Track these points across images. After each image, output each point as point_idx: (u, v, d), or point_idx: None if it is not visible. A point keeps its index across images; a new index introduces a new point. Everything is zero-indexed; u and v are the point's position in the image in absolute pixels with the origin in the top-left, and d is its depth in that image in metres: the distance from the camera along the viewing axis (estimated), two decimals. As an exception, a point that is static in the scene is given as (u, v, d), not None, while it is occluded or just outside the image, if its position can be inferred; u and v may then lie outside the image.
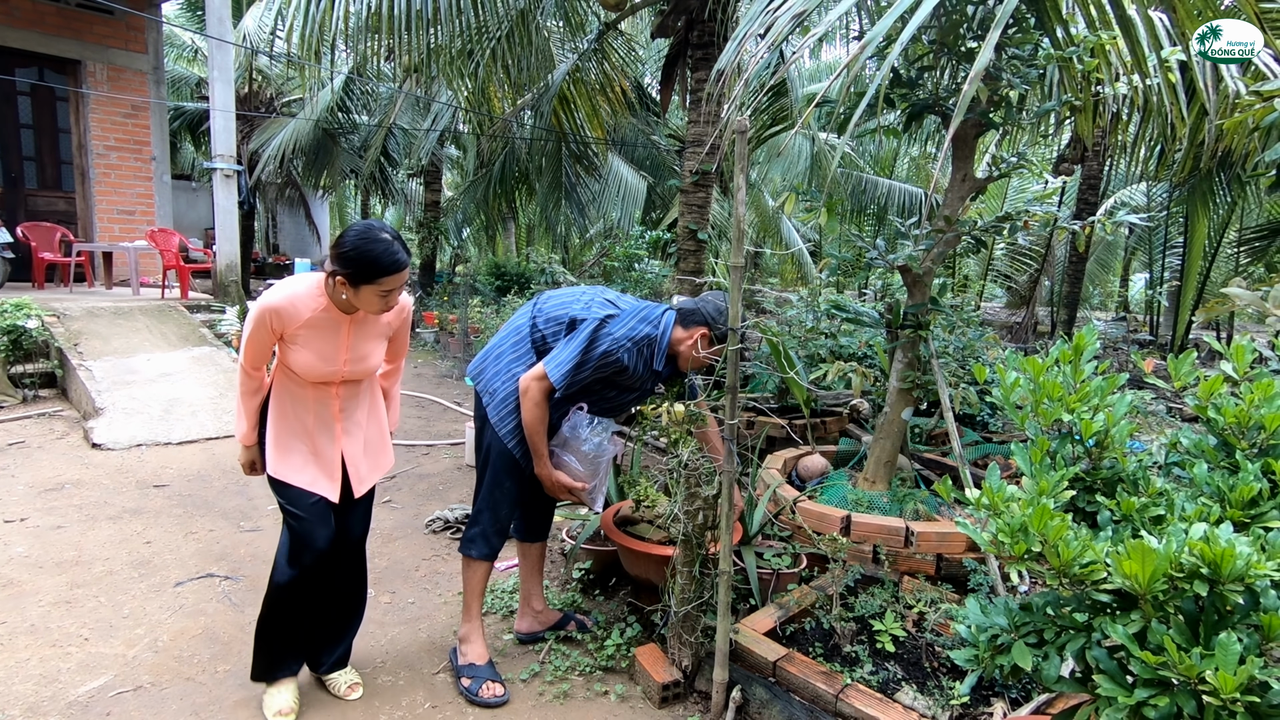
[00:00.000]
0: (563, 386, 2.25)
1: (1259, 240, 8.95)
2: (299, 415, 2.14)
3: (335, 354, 2.09)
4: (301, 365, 2.06)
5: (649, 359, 2.35)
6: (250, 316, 2.03)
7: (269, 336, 2.03)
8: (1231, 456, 1.43)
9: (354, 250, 1.91)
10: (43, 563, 3.04)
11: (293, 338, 2.03)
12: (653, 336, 2.32)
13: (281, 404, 2.14)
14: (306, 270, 8.95)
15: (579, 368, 2.25)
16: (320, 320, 2.04)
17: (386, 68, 10.95)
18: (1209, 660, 1.11)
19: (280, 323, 2.01)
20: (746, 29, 2.90)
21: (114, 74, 8.22)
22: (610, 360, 2.26)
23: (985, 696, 2.22)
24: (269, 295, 2.02)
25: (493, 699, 2.27)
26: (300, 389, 2.13)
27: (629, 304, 2.39)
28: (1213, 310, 2.87)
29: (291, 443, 2.13)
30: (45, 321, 5.77)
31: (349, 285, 1.95)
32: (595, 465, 2.36)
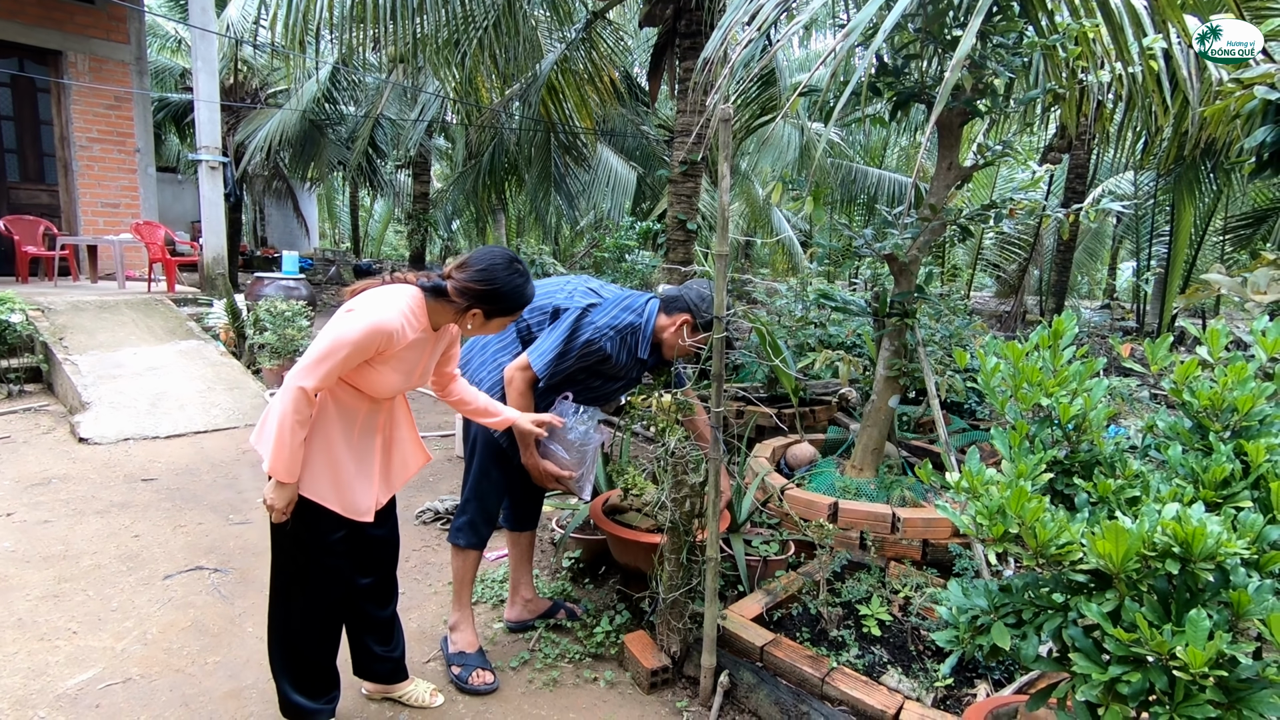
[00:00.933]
0: (546, 376, 2.26)
1: (1243, 228, 9.03)
2: (344, 431, 1.89)
3: (415, 371, 1.94)
4: (382, 385, 1.86)
5: (633, 347, 2.36)
6: (346, 334, 1.74)
7: (362, 357, 1.78)
8: (1205, 438, 1.45)
9: (507, 287, 1.85)
10: (30, 557, 3.03)
11: (387, 359, 1.83)
12: (636, 325, 2.33)
13: (333, 420, 1.87)
14: (296, 263, 8.89)
15: (562, 357, 2.25)
16: (418, 341, 1.88)
17: (373, 58, 10.86)
18: (1180, 636, 1.14)
19: (389, 344, 1.79)
20: (733, 16, 2.89)
21: (96, 65, 8.11)
22: (593, 349, 2.27)
23: (969, 678, 2.25)
24: (379, 313, 1.78)
25: (482, 686, 2.29)
26: (353, 404, 1.89)
27: (612, 293, 2.39)
28: (1194, 297, 2.90)
29: (338, 465, 1.88)
30: (29, 315, 5.72)
31: (483, 319, 1.89)
32: (582, 454, 2.36)
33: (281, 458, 1.75)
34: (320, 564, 1.91)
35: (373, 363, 1.81)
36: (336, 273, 14.23)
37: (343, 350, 1.73)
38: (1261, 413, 1.41)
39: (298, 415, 1.73)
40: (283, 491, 1.79)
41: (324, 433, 1.85)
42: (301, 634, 1.93)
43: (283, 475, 1.76)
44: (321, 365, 1.73)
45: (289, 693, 1.96)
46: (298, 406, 1.72)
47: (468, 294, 1.84)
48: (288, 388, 1.72)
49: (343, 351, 1.73)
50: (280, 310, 6.15)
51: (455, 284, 1.85)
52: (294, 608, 1.92)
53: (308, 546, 1.88)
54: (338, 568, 1.94)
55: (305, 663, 1.96)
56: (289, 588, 1.92)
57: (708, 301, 2.31)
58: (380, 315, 1.76)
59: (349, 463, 1.89)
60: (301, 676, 1.96)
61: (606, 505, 2.90)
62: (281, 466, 1.76)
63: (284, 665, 1.96)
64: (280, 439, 1.74)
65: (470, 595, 2.47)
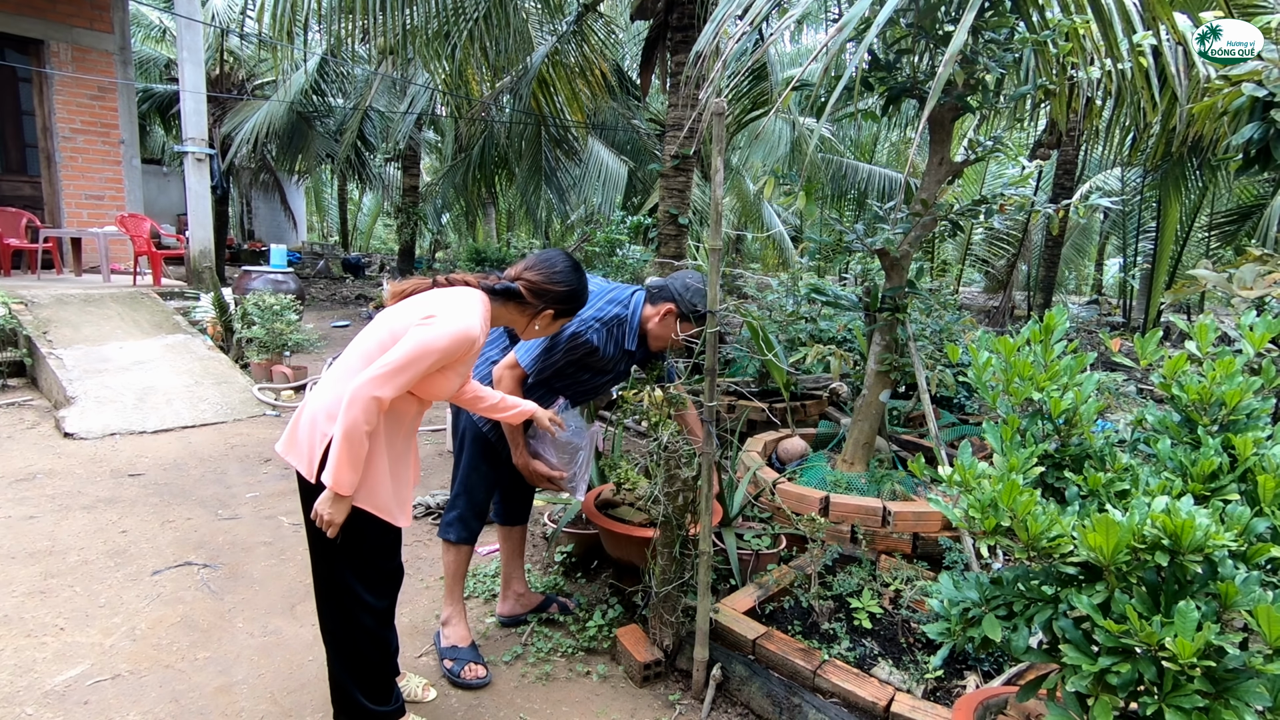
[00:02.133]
0: (534, 372, 2.27)
1: (1229, 224, 9.13)
2: (394, 436, 1.83)
3: (468, 374, 1.94)
4: (445, 389, 1.82)
5: (620, 339, 2.36)
6: (435, 342, 1.69)
7: (444, 365, 1.74)
8: (1194, 432, 1.47)
9: (581, 287, 1.91)
10: (15, 553, 2.99)
11: (459, 364, 1.80)
12: (622, 316, 2.34)
13: (389, 436, 1.80)
14: (284, 256, 8.81)
15: (548, 352, 2.26)
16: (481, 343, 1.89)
17: (362, 49, 10.75)
18: (1169, 628, 1.15)
19: (471, 350, 1.77)
20: (725, 10, 2.89)
21: (79, 54, 7.99)
22: (580, 342, 2.27)
23: (959, 670, 2.27)
24: (464, 320, 1.73)
25: (475, 680, 2.29)
26: (405, 409, 1.83)
27: (598, 285, 2.38)
28: (1181, 292, 2.93)
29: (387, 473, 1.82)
30: (13, 309, 5.64)
31: (553, 320, 1.92)
32: (572, 454, 2.37)
33: (346, 470, 1.67)
34: (381, 570, 1.86)
35: (446, 369, 1.76)
36: (325, 266, 14.13)
37: (430, 359, 1.68)
38: (1249, 406, 1.43)
39: (369, 425, 1.66)
40: (341, 505, 1.71)
41: (378, 440, 1.76)
42: (372, 645, 1.89)
43: (345, 488, 1.68)
44: (403, 374, 1.67)
45: (365, 702, 1.90)
46: (369, 417, 1.65)
47: (547, 295, 1.87)
48: (360, 397, 1.63)
49: (429, 360, 1.69)
50: (268, 304, 6.10)
51: (531, 286, 1.87)
52: (364, 620, 1.85)
53: (366, 555, 1.82)
54: (397, 570, 1.91)
55: (378, 671, 1.92)
56: (353, 602, 1.83)
57: (691, 291, 2.32)
58: (467, 322, 1.72)
59: (401, 469, 1.84)
60: (375, 685, 1.92)
61: (599, 500, 2.90)
62: (346, 479, 1.67)
63: (357, 678, 1.90)
64: (348, 451, 1.66)
65: (462, 590, 2.47)
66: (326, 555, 1.82)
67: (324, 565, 1.84)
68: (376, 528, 1.80)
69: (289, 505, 3.66)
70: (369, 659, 1.89)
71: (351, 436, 1.65)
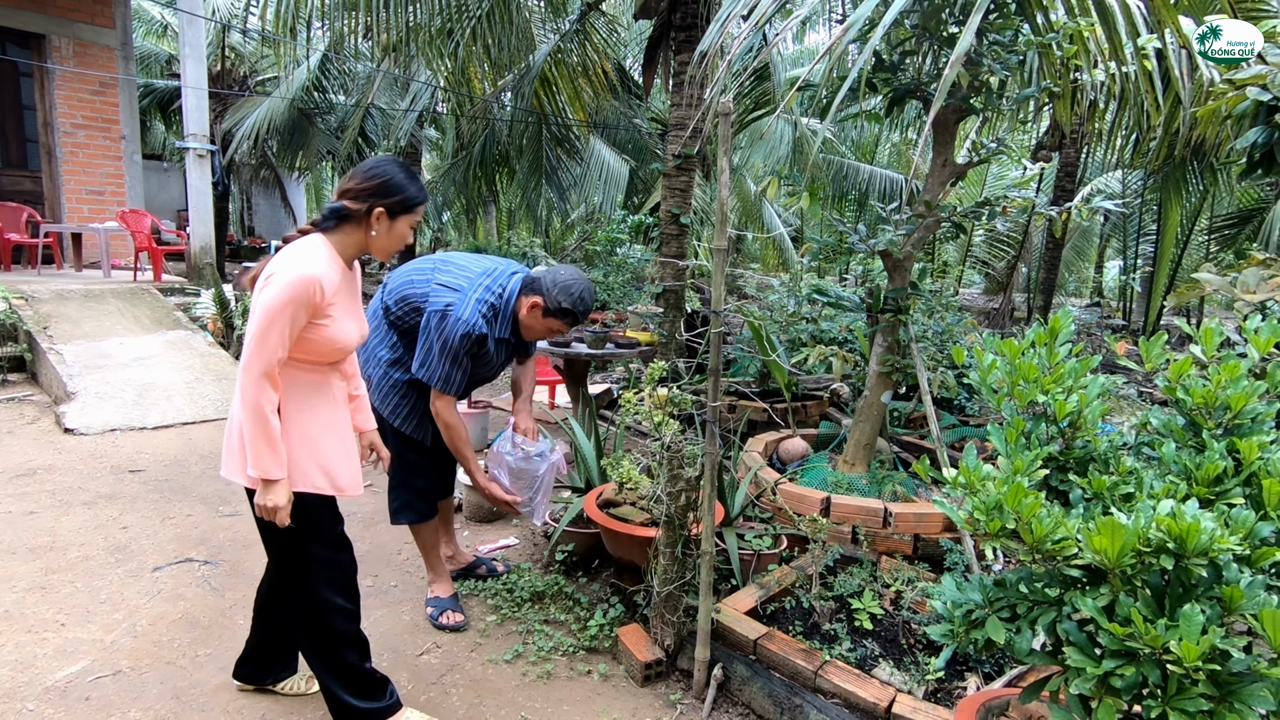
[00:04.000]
0: (456, 386, 2.36)
1: (1229, 228, 9.13)
2: (324, 407, 1.85)
3: (355, 317, 1.90)
4: (339, 336, 1.81)
5: (497, 327, 2.39)
6: (280, 297, 1.66)
7: (304, 318, 1.71)
8: (1199, 436, 1.47)
9: (395, 177, 1.81)
10: (15, 549, 2.99)
11: (328, 309, 1.77)
12: (496, 306, 2.36)
13: (300, 403, 1.80)
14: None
15: (455, 363, 2.32)
16: (343, 282, 1.84)
17: (364, 46, 10.73)
18: (1173, 631, 1.15)
19: (322, 292, 1.73)
20: (730, 10, 2.88)
21: (80, 49, 7.97)
22: (476, 337, 2.31)
23: (960, 671, 2.27)
24: (299, 265, 1.71)
25: (451, 624, 2.55)
26: (322, 374, 1.84)
27: (471, 275, 2.39)
28: (1184, 295, 2.94)
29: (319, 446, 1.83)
30: (13, 304, 5.64)
31: (388, 218, 1.82)
32: (529, 481, 2.51)
33: (261, 452, 1.68)
34: (334, 562, 1.88)
35: (317, 319, 1.75)
36: (325, 263, 14.08)
37: (282, 316, 1.66)
38: (1254, 411, 1.43)
39: (266, 402, 1.67)
40: (277, 489, 1.71)
41: (298, 417, 1.79)
42: (349, 645, 1.90)
43: (271, 470, 1.69)
44: (265, 341, 1.65)
45: (353, 701, 1.91)
46: (259, 393, 1.66)
47: (365, 193, 1.79)
48: (244, 379, 1.66)
49: (282, 317, 1.66)
50: (269, 301, 6.08)
51: (349, 193, 1.81)
52: (336, 624, 1.87)
53: (314, 544, 1.85)
54: (349, 562, 1.92)
55: (357, 670, 1.92)
56: (316, 596, 1.85)
57: (559, 288, 2.33)
58: (300, 268, 1.69)
59: (332, 440, 1.86)
60: (360, 684, 1.93)
61: (600, 499, 2.90)
62: (268, 460, 1.68)
63: (340, 680, 1.91)
64: (256, 432, 1.67)
65: (438, 556, 2.70)
66: (279, 554, 1.87)
67: (281, 567, 1.90)
68: (318, 512, 1.84)
69: (289, 502, 3.66)
70: (346, 660, 1.90)
71: (253, 418, 1.67)
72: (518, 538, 3.38)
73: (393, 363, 2.48)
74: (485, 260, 2.47)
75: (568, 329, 2.43)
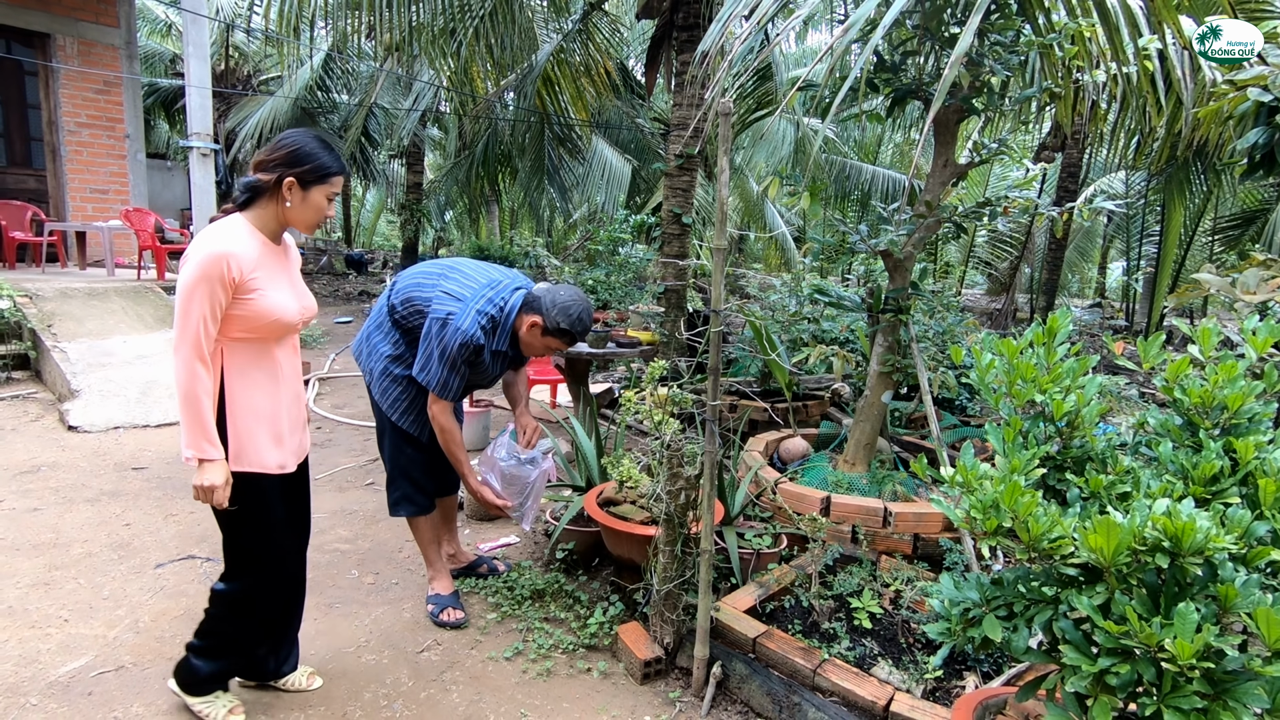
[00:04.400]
0: (455, 391, 2.40)
1: (1232, 229, 9.12)
2: (269, 386, 1.87)
3: (292, 286, 1.91)
4: (274, 308, 1.81)
5: (495, 340, 2.43)
6: (192, 279, 1.68)
7: (223, 295, 1.72)
8: (1196, 435, 1.47)
9: (305, 146, 1.79)
10: (19, 545, 3.01)
11: (251, 284, 1.77)
12: (496, 318, 2.40)
13: (244, 382, 1.83)
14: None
15: (453, 369, 2.36)
16: (266, 256, 1.83)
17: (367, 46, 10.76)
18: (1168, 629, 1.16)
19: (237, 267, 1.73)
20: (731, 9, 2.89)
21: (85, 48, 8.00)
22: (474, 345, 2.35)
23: (959, 670, 2.28)
24: (207, 244, 1.72)
25: (451, 621, 2.57)
26: (265, 351, 1.86)
27: (476, 285, 2.43)
28: (1184, 296, 2.94)
29: (261, 425, 1.86)
30: (17, 302, 5.66)
31: (299, 188, 1.80)
32: (520, 486, 2.54)
33: (195, 432, 1.71)
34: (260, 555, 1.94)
35: (241, 294, 1.76)
36: (328, 262, 14.14)
37: (196, 295, 1.68)
38: (1251, 410, 1.43)
39: (196, 383, 1.70)
40: (213, 469, 1.74)
41: (241, 395, 1.82)
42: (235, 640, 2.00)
43: (206, 449, 1.73)
44: (187, 323, 1.69)
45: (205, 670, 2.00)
46: (187, 373, 1.69)
47: (273, 163, 1.79)
48: (175, 363, 1.71)
49: (197, 297, 1.68)
50: (272, 299, 6.11)
51: (260, 165, 1.81)
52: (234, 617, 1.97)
53: (246, 528, 1.89)
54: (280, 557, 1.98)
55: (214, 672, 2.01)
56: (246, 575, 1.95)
57: (558, 309, 2.37)
58: (208, 246, 1.71)
59: (278, 417, 1.90)
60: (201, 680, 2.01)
61: (601, 497, 2.91)
62: (201, 438, 1.72)
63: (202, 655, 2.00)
64: (185, 413, 1.71)
65: (437, 551, 2.72)
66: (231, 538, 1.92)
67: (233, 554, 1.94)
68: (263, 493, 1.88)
69: (291, 500, 3.67)
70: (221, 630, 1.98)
71: (183, 399, 1.71)
72: (518, 536, 3.39)
73: (393, 358, 2.52)
74: (492, 271, 2.51)
75: (565, 348, 2.48)
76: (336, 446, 4.56)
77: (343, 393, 5.92)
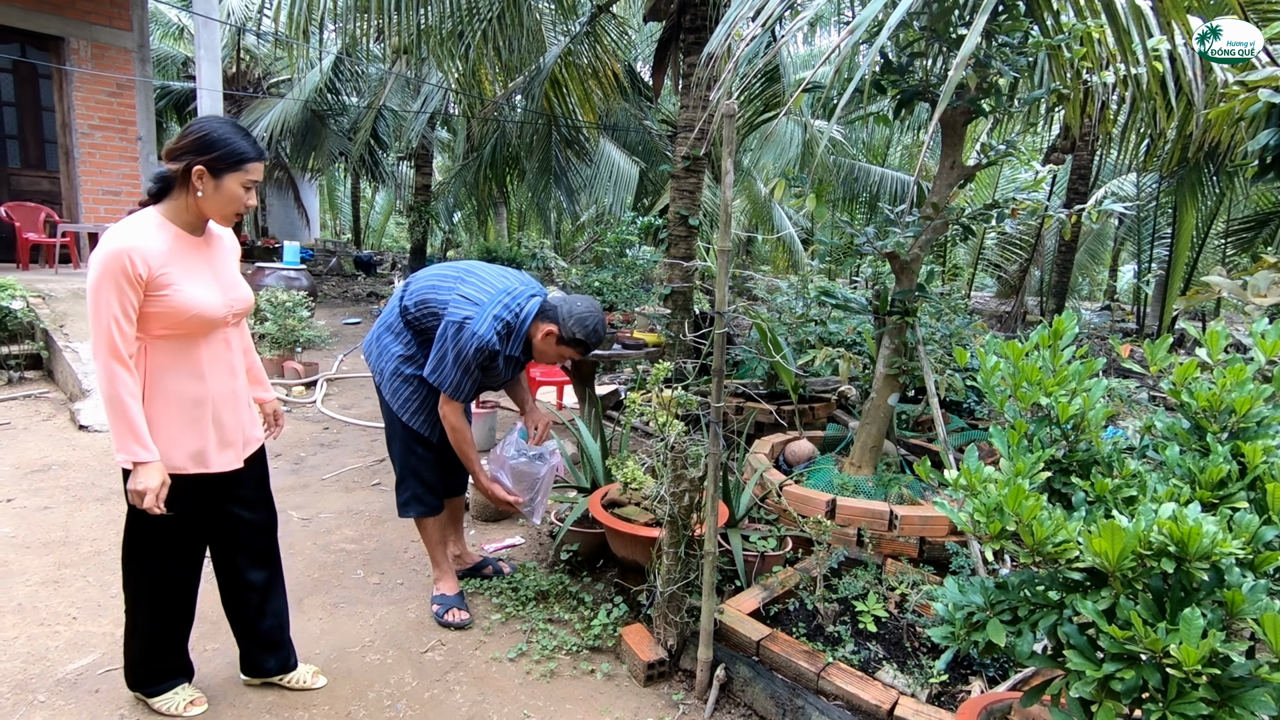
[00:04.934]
0: (467, 394, 2.42)
1: (1245, 231, 9.02)
2: (191, 384, 1.82)
3: (217, 280, 1.85)
4: (191, 305, 1.75)
5: (509, 345, 2.44)
6: (94, 279, 1.64)
7: (133, 292, 1.66)
8: (1203, 439, 1.46)
9: (215, 132, 1.72)
10: (29, 543, 3.04)
11: (163, 280, 1.71)
12: (512, 325, 2.41)
13: (162, 380, 1.78)
14: (297, 253, 8.87)
15: (466, 373, 2.38)
16: (181, 250, 1.77)
17: (376, 49, 10.83)
18: (1174, 635, 1.15)
19: (143, 263, 1.67)
20: (737, 11, 2.89)
21: (98, 51, 8.08)
22: (485, 352, 2.35)
23: (964, 675, 2.26)
24: (108, 242, 1.66)
25: (455, 621, 2.57)
26: (189, 348, 1.81)
27: (493, 290, 2.43)
28: (1194, 299, 2.91)
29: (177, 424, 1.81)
30: (30, 302, 5.71)
31: (210, 176, 1.73)
32: (530, 483, 2.56)
33: (125, 434, 1.68)
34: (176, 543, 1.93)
35: (154, 290, 1.70)
36: (337, 264, 14.22)
37: (100, 294, 1.64)
38: (1259, 414, 1.42)
39: (122, 388, 1.67)
40: (147, 472, 1.70)
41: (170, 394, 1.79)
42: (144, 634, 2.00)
43: (137, 452, 1.69)
44: (99, 324, 1.65)
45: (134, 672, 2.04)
46: (108, 375, 1.66)
47: (181, 151, 1.72)
48: (96, 368, 1.68)
49: (102, 295, 1.64)
50: (281, 300, 6.15)
51: (170, 154, 1.75)
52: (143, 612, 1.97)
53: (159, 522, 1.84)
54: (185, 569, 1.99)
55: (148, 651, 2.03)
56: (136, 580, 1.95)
57: (575, 319, 2.40)
58: (106, 245, 1.66)
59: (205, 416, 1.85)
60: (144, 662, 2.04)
61: (605, 499, 2.91)
62: (131, 441, 1.69)
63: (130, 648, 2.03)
64: (111, 417, 1.68)
65: (443, 552, 2.72)
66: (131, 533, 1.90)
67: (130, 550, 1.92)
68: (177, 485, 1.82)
69: (299, 500, 3.69)
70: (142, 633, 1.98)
71: (107, 403, 1.69)
72: (523, 537, 3.39)
73: (405, 358, 2.53)
74: (509, 277, 2.52)
75: (579, 357, 2.50)
76: (344, 447, 4.58)
77: (350, 393, 5.94)
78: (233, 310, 1.90)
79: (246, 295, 1.96)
